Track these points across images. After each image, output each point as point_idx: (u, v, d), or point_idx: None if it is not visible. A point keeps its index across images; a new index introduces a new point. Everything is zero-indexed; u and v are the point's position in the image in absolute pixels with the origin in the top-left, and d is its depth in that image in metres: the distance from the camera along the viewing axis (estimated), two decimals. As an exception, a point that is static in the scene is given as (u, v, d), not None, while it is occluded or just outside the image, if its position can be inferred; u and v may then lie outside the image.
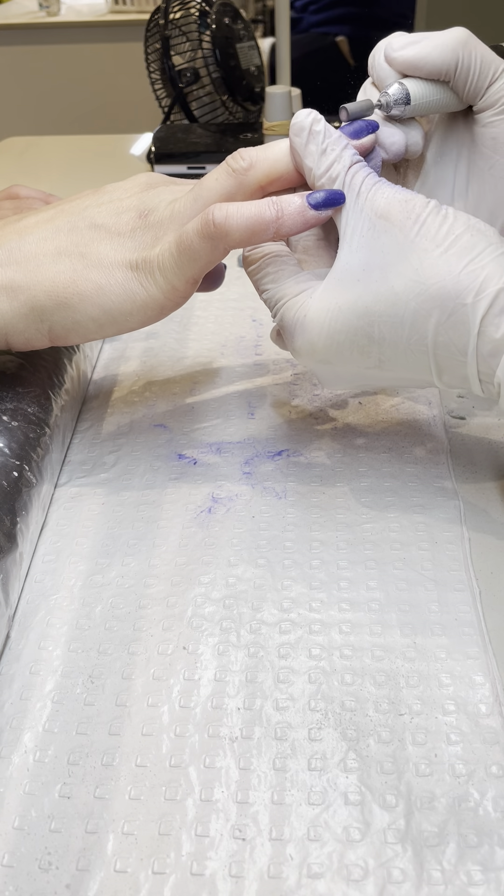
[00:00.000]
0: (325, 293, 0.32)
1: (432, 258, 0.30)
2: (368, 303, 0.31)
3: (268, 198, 0.32)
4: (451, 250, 0.30)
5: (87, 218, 0.34)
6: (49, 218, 0.35)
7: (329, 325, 0.32)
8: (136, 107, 1.88)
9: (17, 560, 0.32)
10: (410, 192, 0.31)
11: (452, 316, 0.30)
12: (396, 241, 0.30)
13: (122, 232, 0.34)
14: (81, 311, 0.33)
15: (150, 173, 0.38)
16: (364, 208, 0.31)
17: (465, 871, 0.24)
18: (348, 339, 0.32)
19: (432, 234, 0.30)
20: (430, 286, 0.30)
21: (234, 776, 0.26)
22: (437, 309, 0.30)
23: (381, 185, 0.32)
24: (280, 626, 0.32)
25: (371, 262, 0.31)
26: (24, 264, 0.34)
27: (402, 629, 0.31)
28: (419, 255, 0.30)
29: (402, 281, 0.30)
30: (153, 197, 0.35)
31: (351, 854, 0.24)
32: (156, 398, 0.47)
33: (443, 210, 0.31)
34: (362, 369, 0.33)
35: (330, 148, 0.32)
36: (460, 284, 0.29)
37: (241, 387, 0.47)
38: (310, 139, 0.32)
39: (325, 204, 0.31)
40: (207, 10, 0.90)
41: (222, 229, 0.31)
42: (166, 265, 0.33)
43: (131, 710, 0.29)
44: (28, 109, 2.30)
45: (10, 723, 0.28)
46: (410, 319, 0.31)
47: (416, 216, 0.30)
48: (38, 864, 0.24)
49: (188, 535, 0.36)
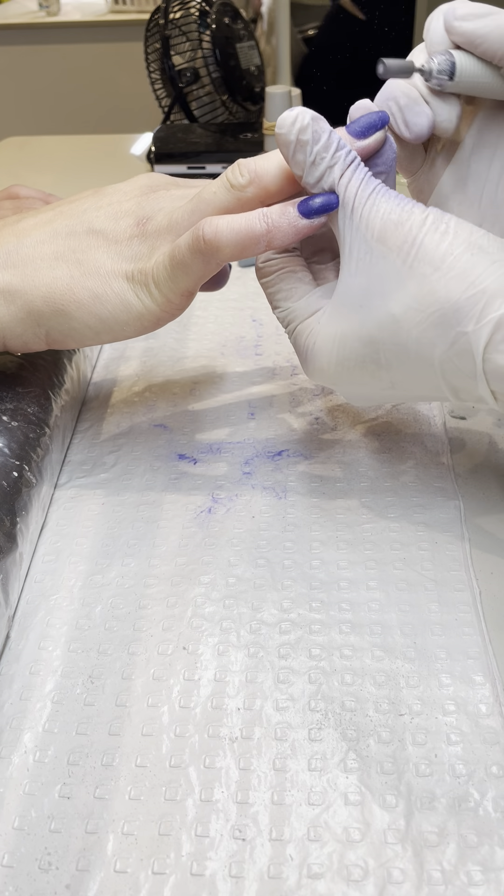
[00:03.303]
0: (331, 320, 0.32)
1: (430, 283, 0.29)
2: (372, 331, 0.30)
3: (259, 210, 0.31)
4: (449, 273, 0.28)
5: (86, 222, 0.34)
6: (48, 220, 0.35)
7: (337, 353, 0.32)
8: (136, 107, 1.87)
9: (17, 560, 0.32)
10: (407, 206, 0.30)
11: (455, 344, 0.29)
12: (394, 267, 0.29)
13: (119, 240, 0.33)
14: (78, 318, 0.33)
15: (152, 174, 0.37)
16: (359, 227, 0.30)
17: (465, 872, 0.24)
18: (357, 366, 0.32)
19: (430, 256, 0.29)
20: (430, 314, 0.29)
21: (234, 776, 0.26)
22: (440, 337, 0.29)
23: (375, 199, 0.30)
24: (280, 626, 0.32)
25: (371, 288, 0.30)
26: (22, 268, 0.33)
27: (402, 629, 0.31)
28: (417, 280, 0.29)
29: (402, 309, 0.29)
30: (152, 203, 0.34)
31: (351, 854, 0.24)
32: (156, 398, 0.47)
33: (442, 224, 0.29)
34: (377, 391, 0.33)
35: (319, 157, 0.30)
36: (460, 312, 0.28)
37: (240, 387, 0.47)
38: (297, 149, 0.30)
39: (317, 212, 0.30)
40: (207, 10, 0.90)
41: (212, 245, 0.31)
42: (160, 278, 0.33)
43: (131, 710, 0.29)
44: (28, 109, 2.30)
45: (10, 723, 0.28)
46: (415, 347, 0.30)
47: (413, 238, 0.29)
48: (38, 865, 0.24)
49: (188, 535, 0.36)
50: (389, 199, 0.30)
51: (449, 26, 0.31)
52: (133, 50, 1.49)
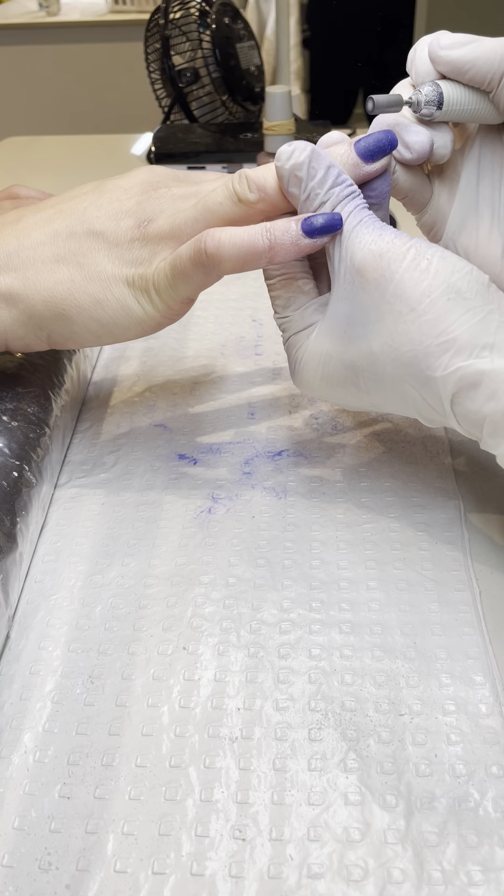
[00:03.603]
0: (319, 338, 0.33)
1: (405, 323, 0.29)
2: (353, 357, 0.31)
3: (262, 225, 0.31)
4: (424, 317, 0.29)
5: (86, 222, 0.34)
6: (48, 219, 0.35)
7: (322, 371, 0.33)
8: (136, 107, 1.87)
9: (17, 560, 0.32)
10: (389, 239, 0.30)
11: (426, 385, 0.30)
12: (373, 299, 0.30)
13: (120, 242, 0.33)
14: (79, 322, 0.34)
15: (152, 167, 0.37)
16: (343, 258, 0.31)
17: (465, 872, 0.24)
18: (340, 385, 0.33)
19: (407, 295, 0.29)
20: (402, 353, 0.29)
21: (234, 776, 0.26)
22: (412, 377, 0.30)
23: (360, 231, 0.30)
24: (280, 626, 0.32)
25: (354, 317, 0.31)
26: (23, 271, 0.33)
27: (402, 629, 0.31)
28: (394, 317, 0.29)
29: (379, 343, 0.30)
30: (153, 204, 0.34)
31: (351, 854, 0.24)
32: (156, 398, 0.47)
33: (423, 262, 0.29)
34: (360, 406, 0.34)
35: (313, 193, 0.31)
36: (430, 357, 0.29)
37: (240, 387, 0.47)
38: (290, 184, 0.31)
39: (321, 232, 0.30)
40: (207, 10, 0.90)
41: (214, 259, 0.31)
42: (161, 286, 0.33)
43: (131, 710, 0.29)
44: (28, 109, 2.30)
45: (10, 723, 0.28)
46: (389, 381, 0.31)
47: (391, 273, 0.29)
48: (38, 865, 0.24)
49: (188, 535, 0.36)
50: (374, 229, 0.30)
51: (434, 56, 0.31)
52: (133, 50, 1.49)
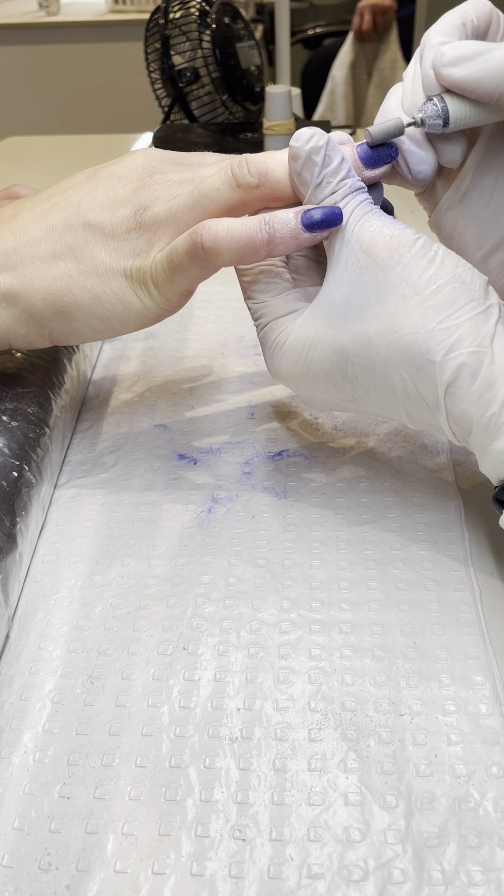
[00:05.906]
0: (307, 321, 0.32)
1: (409, 306, 0.29)
2: (344, 341, 0.31)
3: (260, 216, 0.31)
4: (429, 301, 0.29)
5: (82, 214, 0.34)
6: (43, 213, 0.34)
7: (307, 355, 0.32)
8: (136, 107, 1.87)
9: (16, 560, 0.32)
10: (399, 228, 0.30)
11: (421, 371, 0.29)
12: (377, 281, 0.30)
13: (116, 234, 0.33)
14: (79, 318, 0.33)
15: (148, 150, 0.36)
16: (350, 240, 0.30)
17: (465, 872, 0.24)
18: (323, 372, 0.32)
19: (413, 280, 0.29)
20: (402, 336, 0.29)
21: (234, 777, 0.26)
22: (407, 361, 0.29)
23: (370, 217, 0.30)
24: (280, 626, 0.32)
25: (351, 298, 0.30)
26: (21, 269, 0.33)
27: (402, 629, 0.31)
28: (397, 300, 0.29)
29: (377, 325, 0.30)
30: (149, 192, 0.33)
31: (351, 855, 0.24)
32: (156, 398, 0.47)
33: (430, 252, 0.29)
34: (336, 400, 0.33)
35: (326, 181, 0.30)
36: (432, 340, 0.29)
37: (240, 387, 0.47)
38: (305, 167, 0.30)
39: (321, 225, 0.30)
40: (207, 10, 0.90)
41: (211, 252, 0.31)
42: (159, 279, 0.32)
43: (131, 710, 0.29)
44: (28, 109, 2.30)
45: (10, 723, 0.28)
46: (381, 366, 0.30)
47: (400, 256, 0.29)
48: (37, 865, 0.24)
49: (188, 535, 0.36)
50: (384, 218, 0.30)
51: (439, 73, 0.30)
52: (133, 50, 1.49)
